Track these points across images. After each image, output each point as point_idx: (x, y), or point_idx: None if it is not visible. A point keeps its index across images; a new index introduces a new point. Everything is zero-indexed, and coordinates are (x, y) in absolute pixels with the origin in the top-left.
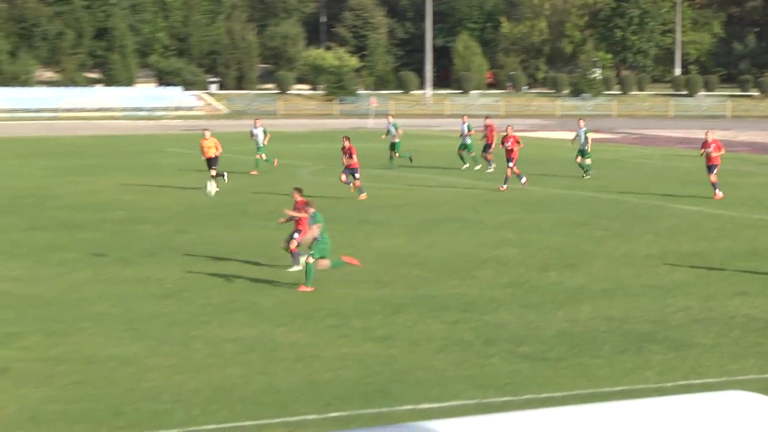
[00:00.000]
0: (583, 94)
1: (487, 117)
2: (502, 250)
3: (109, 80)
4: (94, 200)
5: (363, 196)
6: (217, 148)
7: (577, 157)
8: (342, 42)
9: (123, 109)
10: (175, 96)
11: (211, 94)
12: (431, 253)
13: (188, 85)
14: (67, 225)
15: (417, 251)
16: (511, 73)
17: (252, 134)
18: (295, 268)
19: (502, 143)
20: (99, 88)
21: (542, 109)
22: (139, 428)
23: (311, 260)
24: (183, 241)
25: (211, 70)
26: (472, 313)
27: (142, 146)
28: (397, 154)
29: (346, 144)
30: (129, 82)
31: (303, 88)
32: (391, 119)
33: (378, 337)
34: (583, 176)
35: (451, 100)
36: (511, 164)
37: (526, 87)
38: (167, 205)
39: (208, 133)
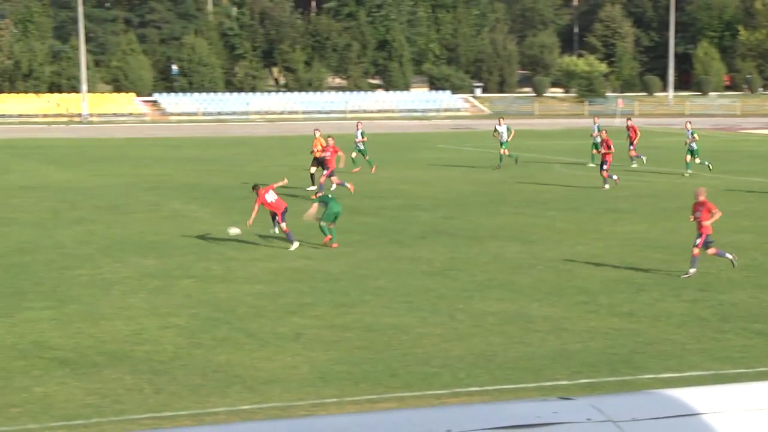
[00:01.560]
0: None
1: (628, 119)
2: (738, 236)
3: (388, 85)
4: (374, 189)
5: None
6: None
7: (686, 156)
8: (592, 50)
9: (399, 111)
10: (445, 99)
11: (476, 97)
12: (672, 237)
13: (456, 90)
14: (351, 210)
15: (659, 236)
16: (747, 76)
17: (356, 136)
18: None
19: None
20: (379, 93)
21: None
22: (412, 389)
23: (324, 223)
24: (450, 225)
25: (476, 75)
26: (709, 292)
27: (416, 143)
28: (506, 151)
29: (330, 142)
30: (405, 87)
31: (557, 91)
32: (502, 122)
33: (623, 312)
34: (685, 174)
35: (690, 101)
36: (605, 167)
37: (761, 89)
38: (437, 194)
39: (318, 133)
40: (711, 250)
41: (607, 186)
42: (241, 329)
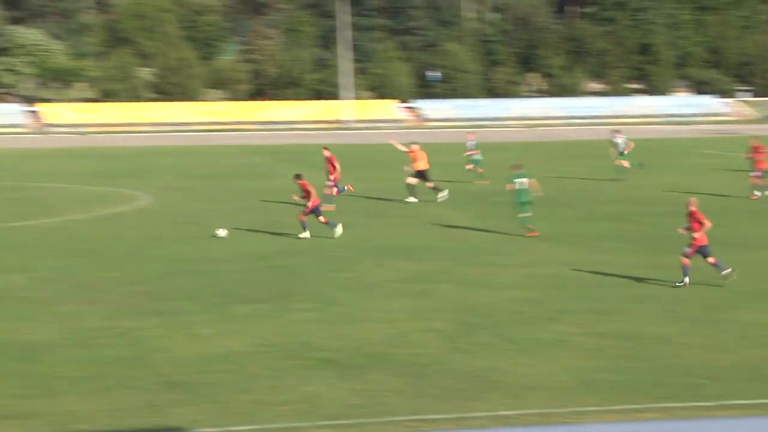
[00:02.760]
0: None
1: (753, 138)
2: None
3: (649, 90)
4: (638, 196)
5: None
6: (425, 161)
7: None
8: None
9: (660, 116)
10: (708, 103)
11: (741, 101)
12: None
13: (721, 93)
14: (612, 217)
15: None
16: None
17: (467, 147)
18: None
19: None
20: (639, 98)
21: None
22: (677, 399)
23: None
24: (717, 233)
25: (742, 79)
26: None
27: (679, 148)
28: (626, 163)
29: (326, 153)
30: (666, 91)
31: None
32: (618, 135)
33: None
34: None
35: None
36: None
37: None
38: (703, 201)
39: (415, 147)
40: (710, 259)
41: (757, 193)
42: (500, 335)
